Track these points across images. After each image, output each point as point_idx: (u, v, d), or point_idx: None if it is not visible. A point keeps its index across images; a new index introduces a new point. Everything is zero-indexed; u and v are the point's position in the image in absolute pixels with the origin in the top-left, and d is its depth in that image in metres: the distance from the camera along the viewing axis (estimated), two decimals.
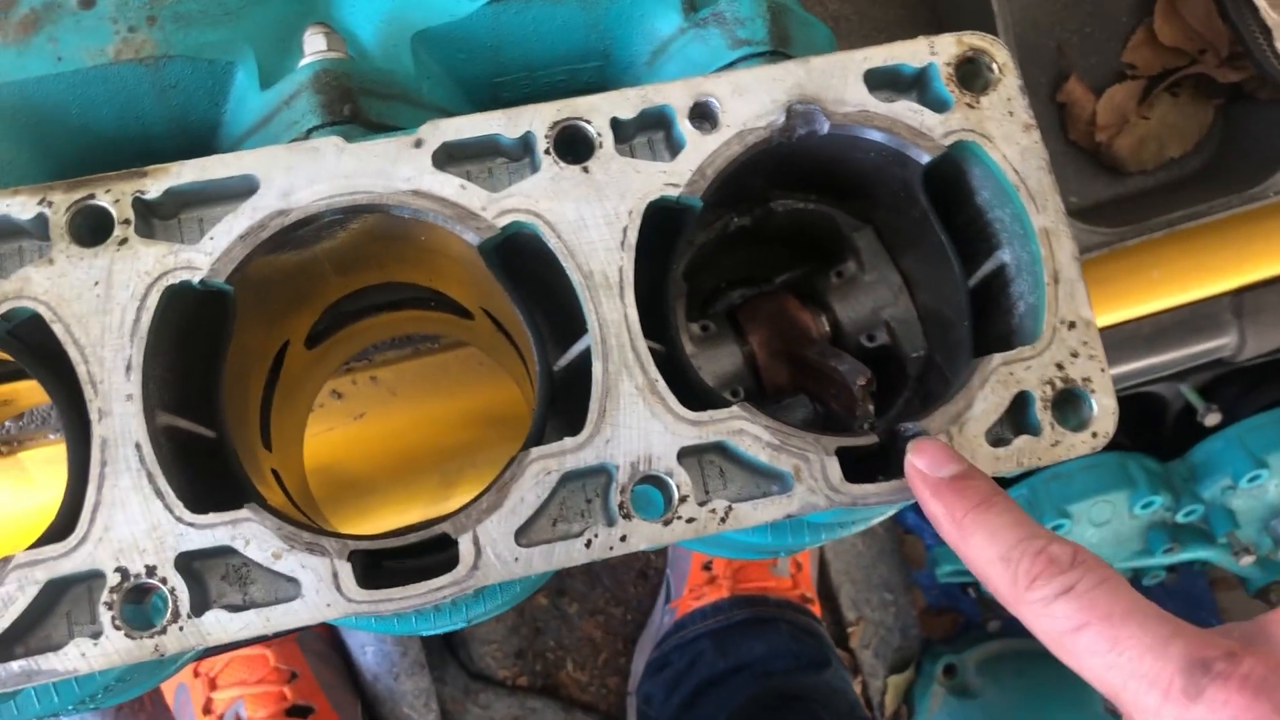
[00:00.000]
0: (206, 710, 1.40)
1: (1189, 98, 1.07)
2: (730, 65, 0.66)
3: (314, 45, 0.62)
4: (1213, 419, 1.43)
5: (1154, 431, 1.57)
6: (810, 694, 1.46)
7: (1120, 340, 1.09)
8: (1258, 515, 1.55)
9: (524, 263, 0.59)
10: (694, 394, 0.62)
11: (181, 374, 0.58)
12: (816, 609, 1.64)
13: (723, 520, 0.56)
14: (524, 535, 0.55)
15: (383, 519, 0.93)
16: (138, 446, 0.53)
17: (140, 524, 0.52)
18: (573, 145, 0.58)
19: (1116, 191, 1.07)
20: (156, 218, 0.57)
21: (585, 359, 0.57)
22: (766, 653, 1.50)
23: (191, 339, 0.58)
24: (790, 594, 1.60)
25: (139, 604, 0.53)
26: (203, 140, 0.67)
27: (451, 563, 0.53)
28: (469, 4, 0.66)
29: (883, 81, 0.62)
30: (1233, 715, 0.41)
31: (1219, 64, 1.05)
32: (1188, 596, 1.95)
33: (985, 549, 0.50)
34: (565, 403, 0.60)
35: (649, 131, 0.61)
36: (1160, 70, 1.06)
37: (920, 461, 0.54)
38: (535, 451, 0.55)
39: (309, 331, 0.72)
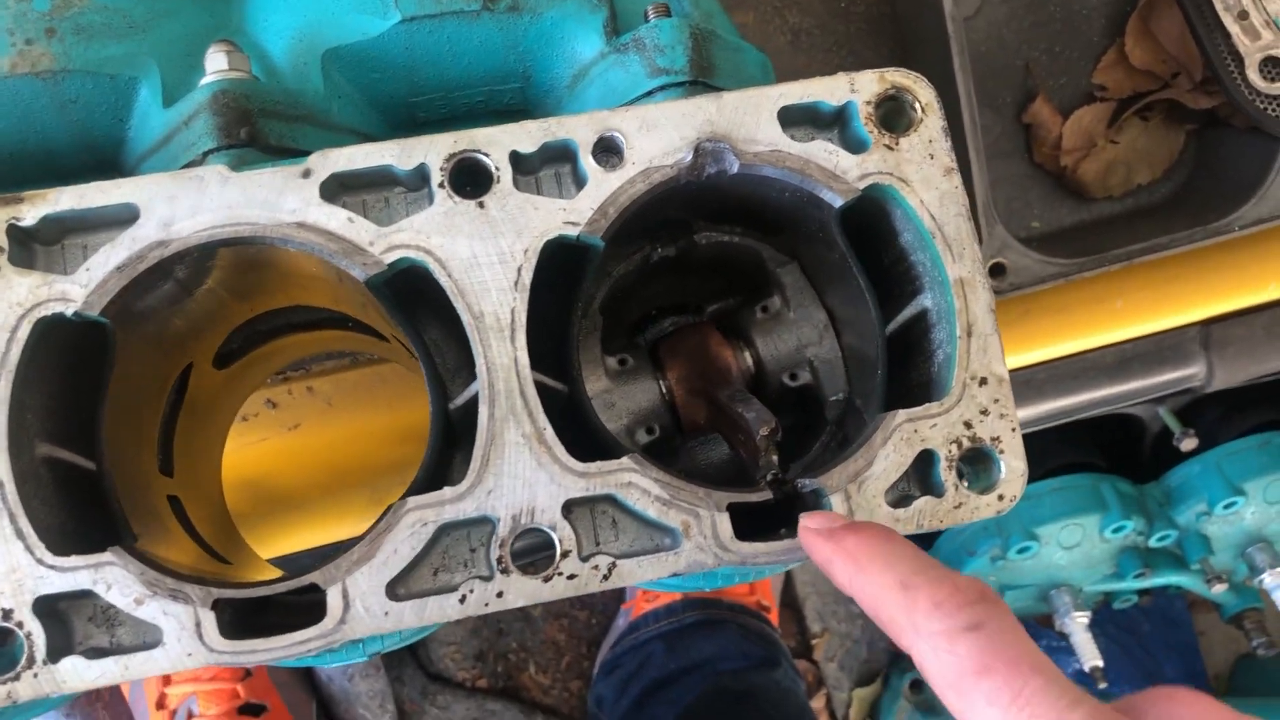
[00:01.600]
0: (160, 705, 1.39)
1: (1160, 123, 1.04)
2: (649, 94, 0.63)
3: (215, 64, 0.60)
4: (1189, 444, 1.40)
5: (1131, 453, 1.54)
6: (760, 693, 1.45)
7: (1081, 369, 1.06)
8: (1233, 542, 1.52)
9: (419, 298, 0.57)
10: (593, 438, 0.60)
11: (64, 404, 0.57)
12: (774, 617, 1.63)
13: (605, 578, 0.54)
14: (401, 584, 0.53)
15: (310, 535, 0.91)
16: (0, 485, 0.51)
17: None
18: (470, 178, 0.56)
19: (1081, 217, 1.04)
20: (38, 243, 0.55)
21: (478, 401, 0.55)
22: (716, 652, 1.48)
23: (73, 369, 0.56)
24: (746, 599, 1.58)
25: None
26: (108, 156, 0.65)
27: (322, 613, 0.52)
28: (381, 22, 0.64)
29: (799, 119, 0.59)
30: None
31: (1192, 88, 1.01)
32: (1165, 617, 1.92)
33: (881, 575, 0.46)
34: (466, 442, 0.59)
35: (554, 164, 0.58)
36: (1131, 93, 1.03)
37: (813, 522, 0.52)
38: (412, 501, 0.53)
39: (217, 352, 0.70)
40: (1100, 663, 1.51)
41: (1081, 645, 1.53)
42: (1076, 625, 1.54)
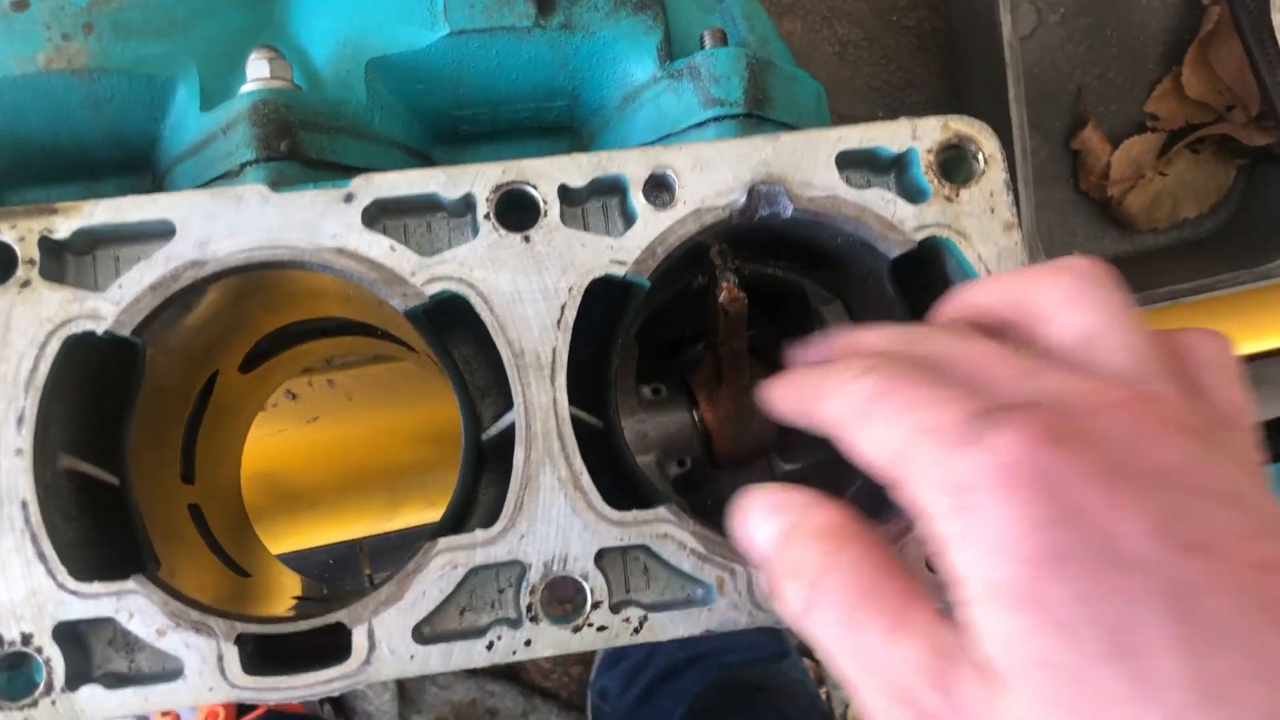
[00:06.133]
0: None
1: (1211, 156, 1.02)
2: (701, 124, 0.61)
3: (257, 71, 0.58)
4: None
5: None
6: (769, 684, 1.44)
7: None
8: None
9: (458, 326, 0.56)
10: (626, 476, 0.58)
11: (88, 416, 0.55)
12: None
13: (636, 631, 0.53)
14: (427, 625, 0.52)
15: (324, 532, 0.90)
16: (24, 505, 0.50)
17: (20, 589, 0.50)
18: (516, 210, 0.55)
19: (1124, 248, 1.02)
20: (70, 253, 0.53)
21: (512, 433, 0.54)
22: (723, 644, 1.47)
23: (100, 384, 0.55)
24: None
25: (17, 670, 0.50)
26: (140, 154, 0.64)
27: (348, 651, 0.51)
28: (429, 34, 0.62)
29: (857, 162, 0.58)
30: (1005, 467, 0.36)
31: (1246, 123, 0.99)
32: None
33: (795, 377, 0.48)
34: (497, 468, 0.57)
35: (603, 196, 0.57)
36: (1183, 124, 1.01)
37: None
38: (443, 543, 0.52)
39: (244, 358, 0.68)
40: None
41: None
42: None
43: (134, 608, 0.50)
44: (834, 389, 0.44)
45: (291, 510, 0.90)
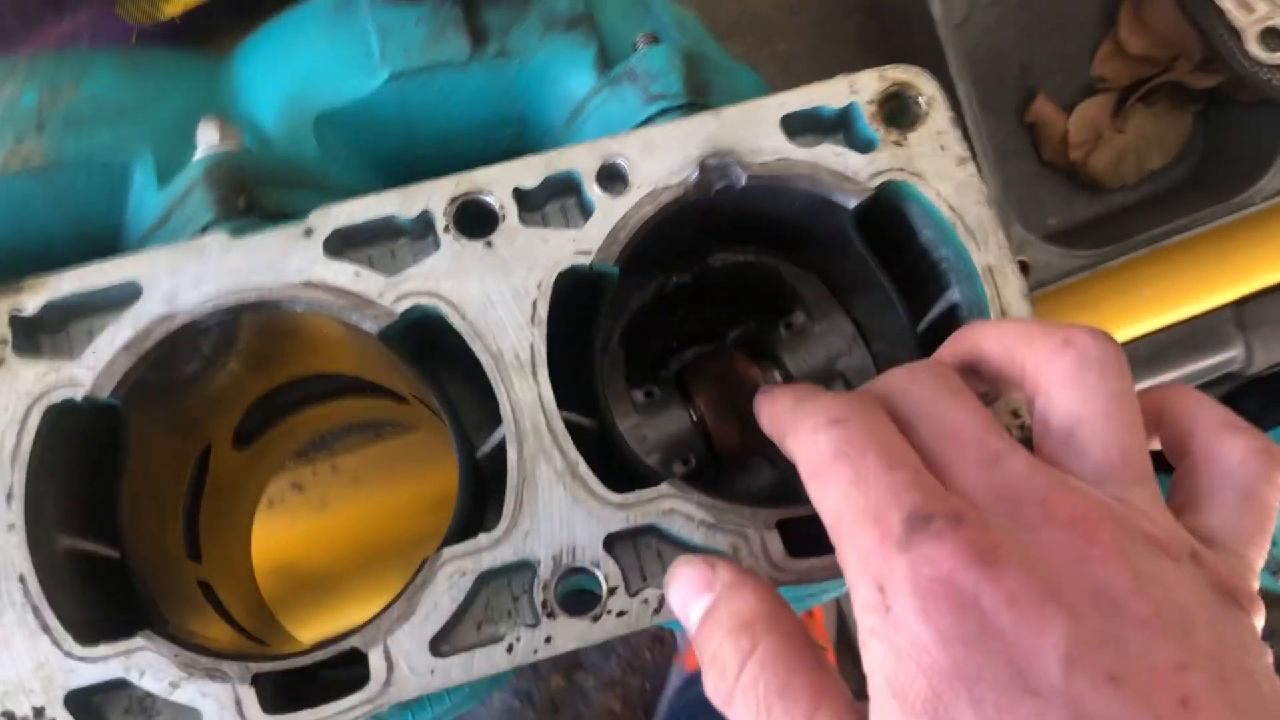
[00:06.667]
0: None
1: (1165, 107, 1.03)
2: (647, 121, 0.62)
3: (207, 138, 0.60)
4: None
5: None
6: None
7: None
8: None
9: (436, 345, 0.56)
10: (629, 470, 0.58)
11: (82, 493, 0.55)
12: (830, 657, 1.58)
13: (656, 611, 0.51)
14: (444, 642, 0.51)
15: (349, 616, 0.89)
16: (21, 579, 0.50)
17: (26, 662, 0.49)
18: (475, 220, 0.55)
19: (1097, 210, 1.02)
20: (42, 332, 0.54)
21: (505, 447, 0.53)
22: None
23: (88, 456, 0.55)
24: None
25: None
26: (106, 244, 0.64)
27: (367, 676, 0.50)
28: (370, 81, 0.64)
29: (803, 126, 0.58)
30: (933, 578, 0.36)
31: (1193, 70, 1.00)
32: None
33: (783, 399, 0.48)
34: (496, 489, 0.57)
35: (560, 198, 0.57)
36: (1132, 81, 1.02)
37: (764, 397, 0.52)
38: (447, 552, 0.51)
39: (235, 431, 0.68)
40: None
41: None
42: None
43: (144, 664, 0.49)
44: (799, 433, 0.44)
45: (314, 598, 0.89)
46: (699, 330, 0.73)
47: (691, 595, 0.47)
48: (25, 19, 0.71)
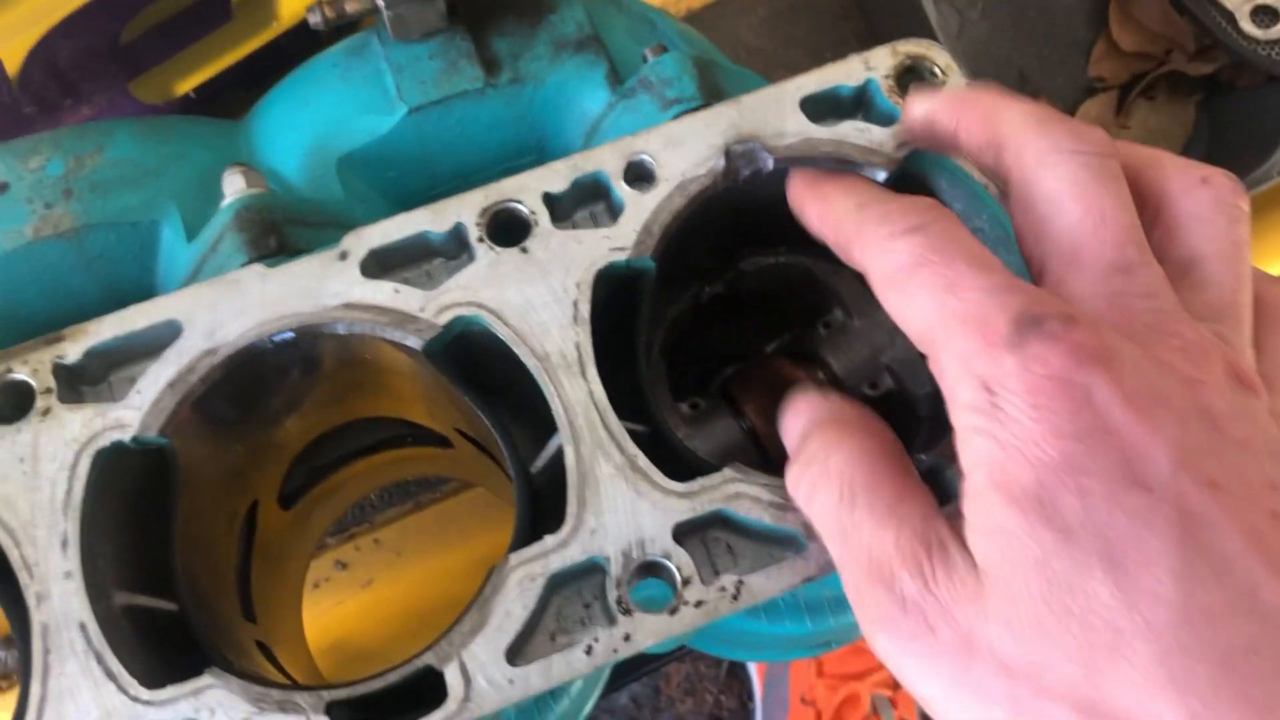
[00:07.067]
0: None
1: (1166, 99, 1.03)
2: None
3: (233, 185, 0.60)
4: None
5: None
6: None
7: None
8: None
9: (479, 361, 0.55)
10: (686, 470, 0.56)
11: (135, 546, 0.54)
12: None
13: (735, 597, 0.50)
14: (519, 654, 0.49)
15: None
16: (82, 627, 0.48)
17: (93, 712, 0.47)
18: (508, 228, 0.55)
19: None
20: (84, 384, 0.53)
21: (561, 458, 0.52)
22: None
23: (140, 505, 0.54)
24: None
25: None
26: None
27: (444, 692, 0.48)
28: (388, 118, 0.64)
29: (822, 108, 0.58)
30: (1046, 375, 0.36)
31: (1189, 59, 1.01)
32: None
33: (842, 201, 0.47)
34: (554, 507, 0.55)
35: (589, 204, 0.57)
36: (1130, 77, 1.03)
37: (799, 177, 0.53)
38: (514, 558, 0.50)
39: (281, 490, 0.67)
40: None
41: None
42: None
43: (214, 702, 0.47)
44: (869, 241, 0.44)
45: (366, 671, 0.87)
46: (739, 346, 0.72)
47: (793, 415, 0.50)
48: (45, 106, 0.72)
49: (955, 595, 0.38)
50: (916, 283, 0.41)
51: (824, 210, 0.49)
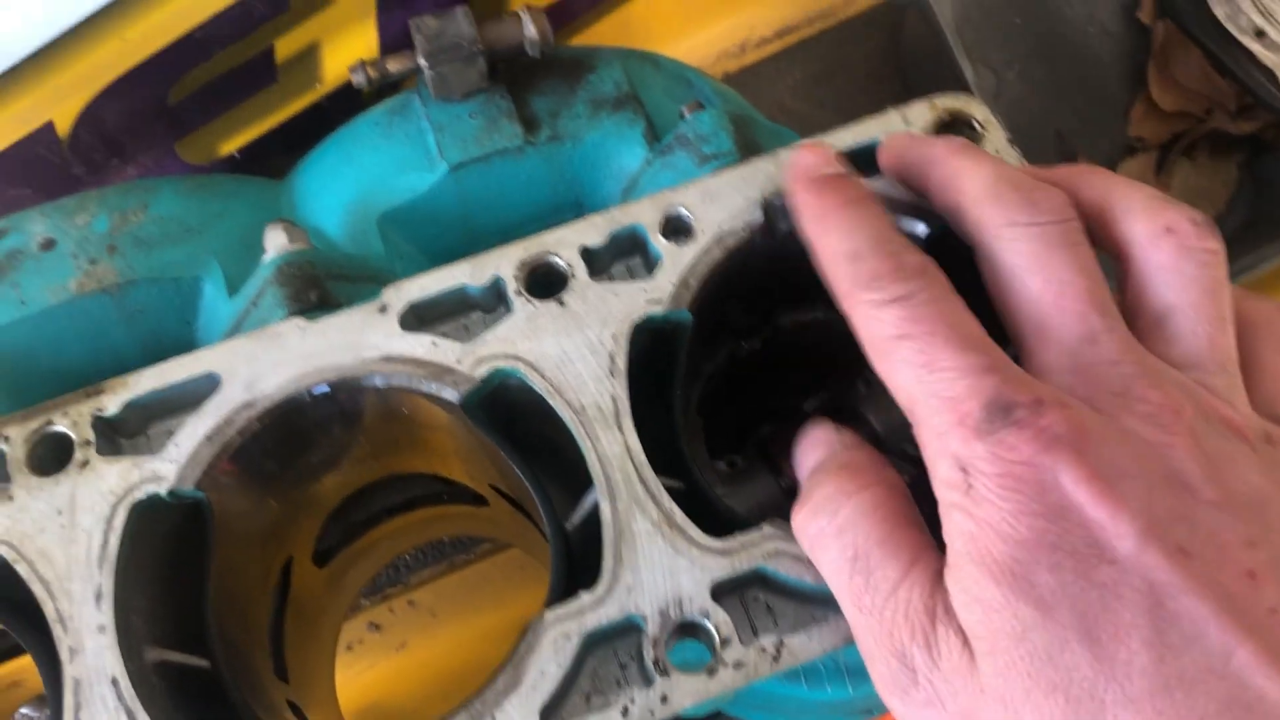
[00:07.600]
0: None
1: (1208, 158, 1.03)
2: None
3: (275, 241, 0.61)
4: None
5: None
6: None
7: None
8: None
9: (516, 415, 0.55)
10: (722, 529, 0.55)
11: (168, 601, 0.54)
12: None
13: (775, 659, 0.48)
14: (553, 715, 0.48)
15: None
16: (114, 682, 0.48)
17: None
18: (546, 281, 0.55)
19: None
20: (122, 436, 0.53)
21: (598, 515, 0.52)
22: None
23: (174, 559, 0.54)
24: None
25: None
26: None
27: None
28: (430, 175, 0.65)
29: (862, 163, 0.58)
30: (1015, 461, 0.37)
31: (1231, 118, 1.01)
32: None
33: (838, 243, 0.46)
34: (589, 564, 0.54)
35: (626, 258, 0.57)
36: (1171, 137, 1.02)
37: (804, 159, 0.51)
38: (550, 615, 0.49)
39: (315, 547, 0.67)
40: None
41: None
42: None
43: None
44: (857, 306, 0.45)
45: None
46: (775, 405, 0.71)
47: (808, 447, 0.51)
48: (93, 166, 0.73)
49: (956, 668, 0.39)
50: (899, 355, 0.42)
51: (821, 249, 0.48)
